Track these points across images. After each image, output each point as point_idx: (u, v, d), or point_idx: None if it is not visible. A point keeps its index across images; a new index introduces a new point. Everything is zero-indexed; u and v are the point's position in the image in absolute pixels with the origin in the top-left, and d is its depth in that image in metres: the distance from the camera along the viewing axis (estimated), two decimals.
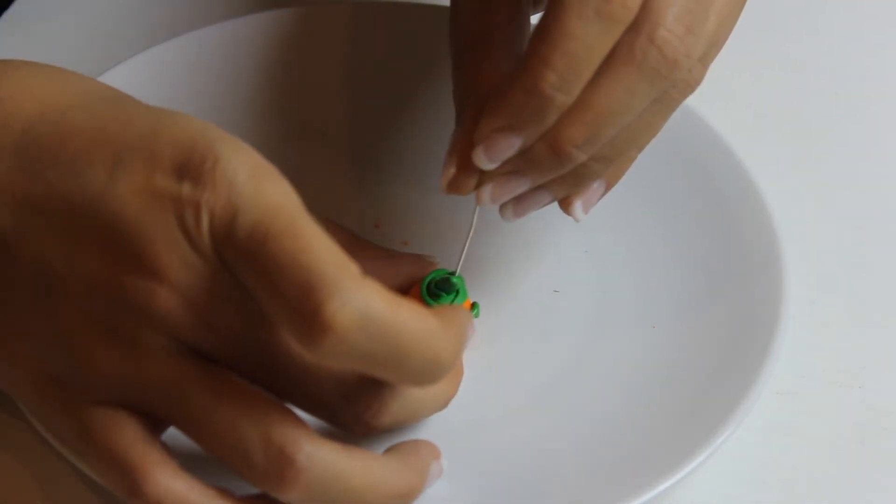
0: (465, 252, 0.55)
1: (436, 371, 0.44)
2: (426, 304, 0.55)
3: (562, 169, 0.50)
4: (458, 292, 0.56)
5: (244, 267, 0.43)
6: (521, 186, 0.51)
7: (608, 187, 0.54)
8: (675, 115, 0.53)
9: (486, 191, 0.51)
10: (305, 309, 0.42)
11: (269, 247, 0.43)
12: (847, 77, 0.70)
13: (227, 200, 0.44)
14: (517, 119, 0.49)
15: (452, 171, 0.51)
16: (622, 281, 0.59)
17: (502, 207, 0.52)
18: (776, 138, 0.67)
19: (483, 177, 0.51)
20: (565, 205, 0.53)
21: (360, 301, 0.42)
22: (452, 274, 0.56)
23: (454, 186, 0.51)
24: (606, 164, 0.51)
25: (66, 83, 0.49)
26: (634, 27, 0.48)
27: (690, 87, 0.50)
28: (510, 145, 0.49)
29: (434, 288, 0.56)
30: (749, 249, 0.59)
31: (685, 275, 0.59)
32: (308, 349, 0.43)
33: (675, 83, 0.49)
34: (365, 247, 0.57)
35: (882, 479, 0.55)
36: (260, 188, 0.44)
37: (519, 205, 0.52)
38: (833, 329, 0.60)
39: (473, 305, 0.57)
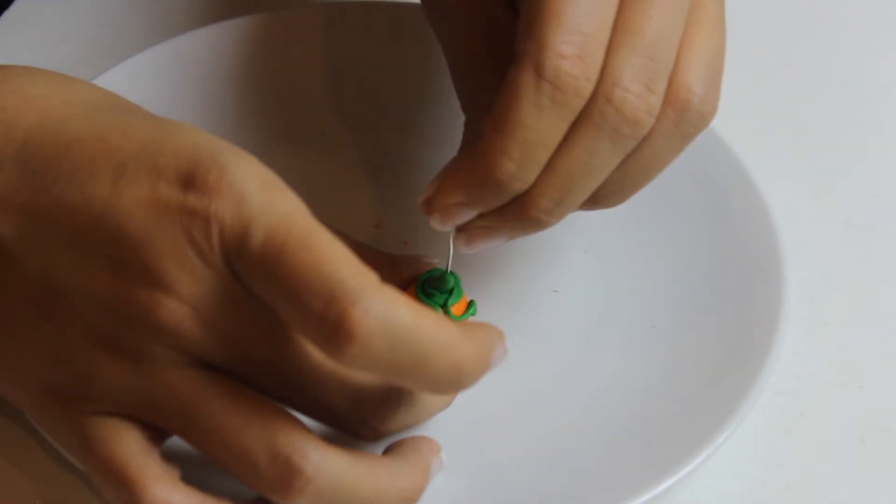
0: (452, 251, 0.55)
1: (457, 379, 0.45)
2: (421, 302, 0.55)
3: (533, 231, 0.51)
4: (452, 290, 0.56)
5: (260, 278, 0.43)
6: (495, 241, 0.52)
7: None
8: None
9: (462, 238, 0.52)
10: (328, 318, 0.42)
11: (288, 258, 0.43)
12: (847, 78, 0.70)
13: (237, 212, 0.43)
14: (473, 199, 0.49)
15: (431, 193, 0.51)
16: (622, 281, 0.59)
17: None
18: (776, 139, 0.67)
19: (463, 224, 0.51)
20: None
21: (382, 308, 0.42)
22: (446, 272, 0.56)
23: (428, 209, 0.51)
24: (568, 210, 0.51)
25: (66, 91, 0.49)
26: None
27: None
28: (464, 215, 0.50)
29: (427, 286, 0.56)
30: (749, 249, 0.59)
31: (685, 275, 0.59)
32: (332, 357, 0.43)
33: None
34: (366, 253, 0.57)
35: (882, 479, 0.55)
36: (272, 199, 0.44)
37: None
38: (833, 329, 0.60)
39: (470, 304, 0.57)
